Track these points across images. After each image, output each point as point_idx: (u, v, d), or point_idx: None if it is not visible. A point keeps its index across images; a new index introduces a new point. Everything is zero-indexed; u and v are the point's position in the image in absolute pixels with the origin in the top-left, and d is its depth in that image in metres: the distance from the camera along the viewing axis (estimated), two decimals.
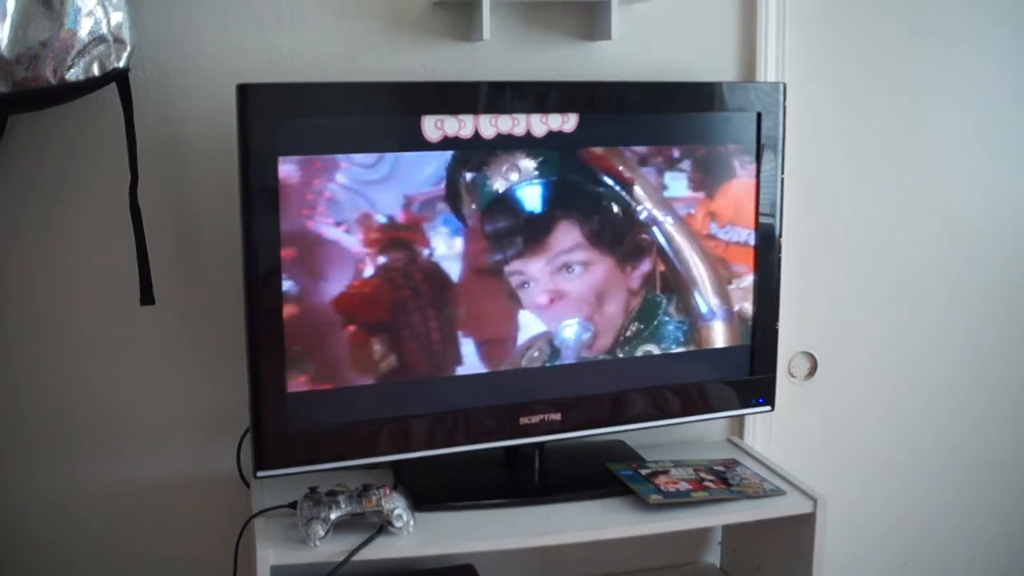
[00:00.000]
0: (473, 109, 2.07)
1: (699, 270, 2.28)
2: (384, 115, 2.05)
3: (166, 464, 2.27)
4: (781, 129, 2.30)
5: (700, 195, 2.25)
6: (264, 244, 1.94)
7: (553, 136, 2.12)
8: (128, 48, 1.93)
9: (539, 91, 2.14)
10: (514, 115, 2.09)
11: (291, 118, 1.94)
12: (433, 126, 2.04)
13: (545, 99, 2.12)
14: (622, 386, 2.26)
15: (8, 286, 2.14)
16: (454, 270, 2.09)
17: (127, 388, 2.22)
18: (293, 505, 2.01)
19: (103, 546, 2.27)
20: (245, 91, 1.90)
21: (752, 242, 2.31)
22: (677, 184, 2.23)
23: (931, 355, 2.74)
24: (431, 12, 2.24)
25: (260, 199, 1.93)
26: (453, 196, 2.07)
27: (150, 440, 2.25)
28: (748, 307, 2.33)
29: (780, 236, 2.33)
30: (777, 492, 2.21)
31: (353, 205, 2.00)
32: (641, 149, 2.19)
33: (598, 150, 2.16)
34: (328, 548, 1.92)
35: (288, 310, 1.98)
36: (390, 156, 2.01)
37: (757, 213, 2.30)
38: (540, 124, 2.11)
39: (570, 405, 2.21)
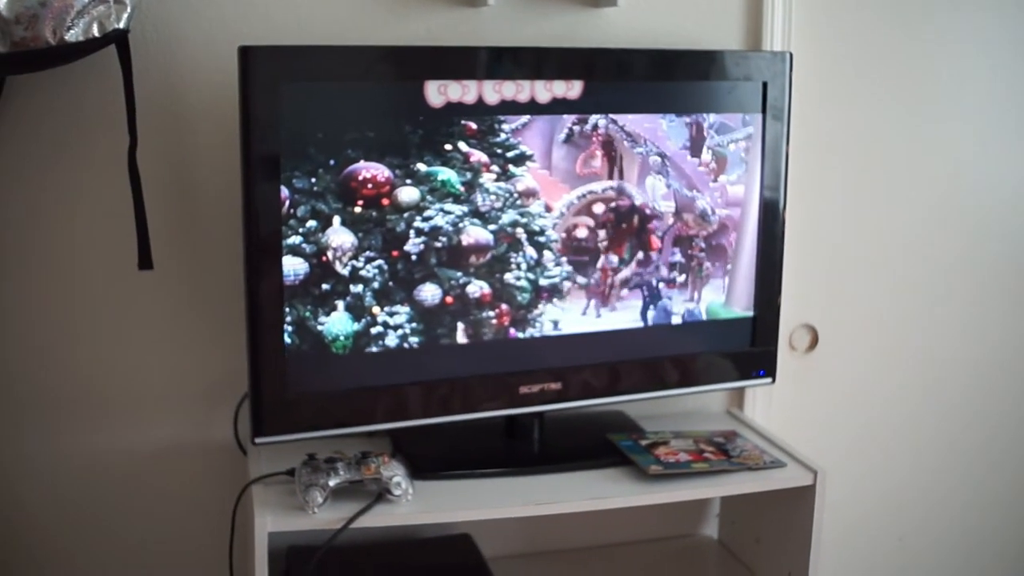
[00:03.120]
0: (477, 74, 2.05)
1: (701, 240, 2.27)
2: (387, 79, 2.03)
3: (163, 431, 2.26)
4: (787, 99, 2.28)
5: (703, 166, 2.24)
6: (265, 208, 1.93)
7: (557, 103, 2.10)
8: (128, 9, 1.91)
9: (544, 57, 2.12)
10: (518, 81, 2.07)
11: (293, 81, 1.92)
12: (436, 91, 2.02)
13: (549, 66, 2.10)
14: (622, 356, 2.25)
15: (4, 250, 2.12)
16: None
17: (124, 353, 2.21)
18: (291, 472, 2.00)
19: (99, 514, 2.26)
20: (247, 53, 1.88)
21: (755, 213, 2.30)
22: (680, 152, 2.22)
23: (933, 328, 2.74)
24: None
25: (261, 162, 1.91)
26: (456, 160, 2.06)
27: (147, 406, 2.24)
28: (751, 279, 2.32)
29: (784, 208, 2.32)
30: (777, 464, 2.21)
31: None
32: (646, 119, 2.17)
33: (604, 121, 2.14)
34: (326, 515, 1.92)
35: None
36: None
37: (761, 184, 2.29)
38: (544, 91, 2.09)
39: (570, 375, 2.20)
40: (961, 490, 2.86)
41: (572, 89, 2.11)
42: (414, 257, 2.05)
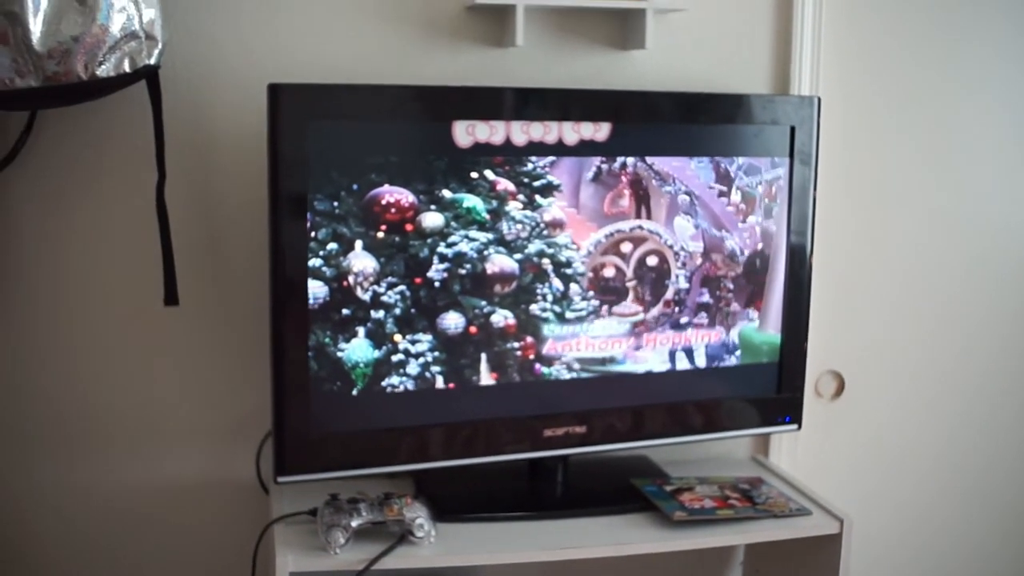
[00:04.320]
0: (505, 115, 2.05)
1: (727, 285, 2.26)
2: (415, 119, 2.04)
3: (185, 467, 2.25)
4: (815, 143, 2.28)
5: (732, 206, 2.23)
6: (292, 242, 1.93)
7: (585, 144, 2.10)
8: (159, 45, 1.92)
9: (572, 99, 2.13)
10: (546, 122, 2.07)
11: (321, 119, 1.92)
12: (464, 131, 2.02)
13: (577, 107, 2.11)
14: (648, 400, 2.24)
15: (33, 283, 2.13)
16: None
17: (148, 389, 2.21)
18: (313, 512, 1.99)
19: (117, 550, 2.25)
20: (276, 91, 1.89)
21: (782, 258, 2.28)
22: (709, 192, 2.21)
23: (961, 376, 2.71)
24: (464, 17, 2.22)
25: (288, 200, 1.92)
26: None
27: (170, 442, 2.24)
28: (777, 324, 2.31)
29: (811, 253, 2.31)
30: (803, 512, 2.18)
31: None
32: (674, 159, 2.17)
33: (632, 160, 2.14)
34: (348, 556, 1.90)
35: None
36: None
37: (788, 229, 2.28)
38: (572, 132, 2.09)
39: (594, 418, 2.19)
40: (991, 539, 2.82)
41: (600, 131, 2.11)
42: (437, 284, 2.04)
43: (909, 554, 2.76)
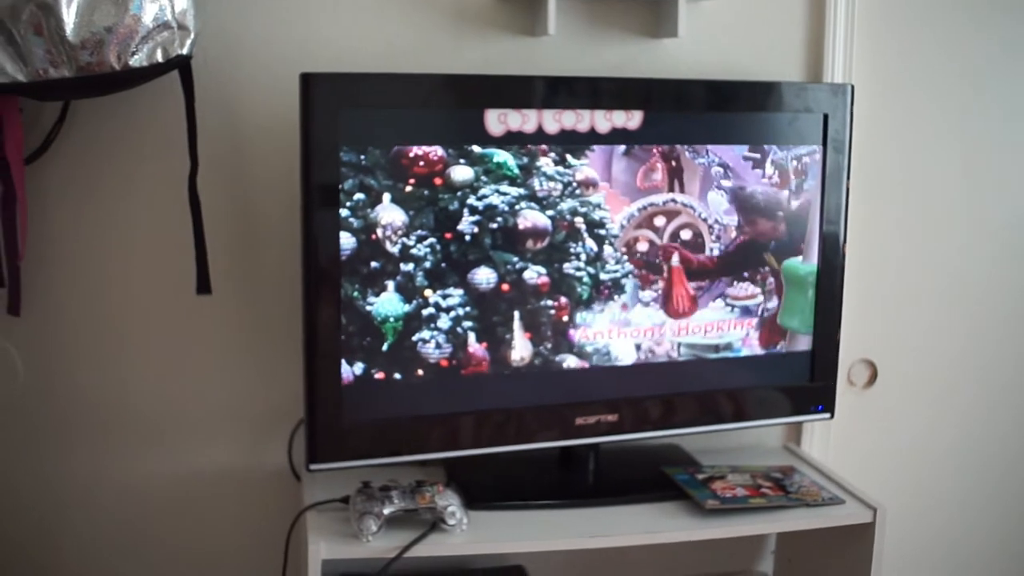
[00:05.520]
0: (537, 104, 2.05)
1: (761, 273, 2.25)
2: (447, 108, 2.03)
3: (217, 456, 2.26)
4: (848, 131, 2.27)
5: (764, 198, 2.22)
6: (324, 235, 1.93)
7: (617, 133, 2.10)
8: (192, 35, 1.93)
9: (604, 87, 2.12)
10: (578, 111, 2.07)
11: (354, 108, 1.93)
12: (496, 120, 2.02)
13: (609, 95, 2.10)
14: (680, 389, 2.23)
15: (66, 273, 2.14)
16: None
17: (181, 377, 2.22)
18: (345, 500, 2.00)
19: (150, 538, 2.27)
20: (308, 80, 1.89)
21: (815, 246, 2.28)
22: (743, 164, 2.20)
23: (994, 365, 2.69)
24: (495, 6, 2.22)
25: (321, 189, 1.92)
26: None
27: (202, 431, 2.25)
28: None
29: (844, 242, 2.29)
30: (836, 501, 2.17)
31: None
32: (709, 153, 2.17)
33: (666, 152, 2.13)
34: (380, 543, 1.91)
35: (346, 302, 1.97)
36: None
37: (822, 218, 2.27)
38: (604, 120, 2.09)
39: (626, 407, 2.18)
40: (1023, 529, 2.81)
41: (632, 119, 2.10)
42: (468, 238, 2.04)
43: (942, 543, 2.75)
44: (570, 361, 2.14)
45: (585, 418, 2.15)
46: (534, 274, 2.08)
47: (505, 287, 2.07)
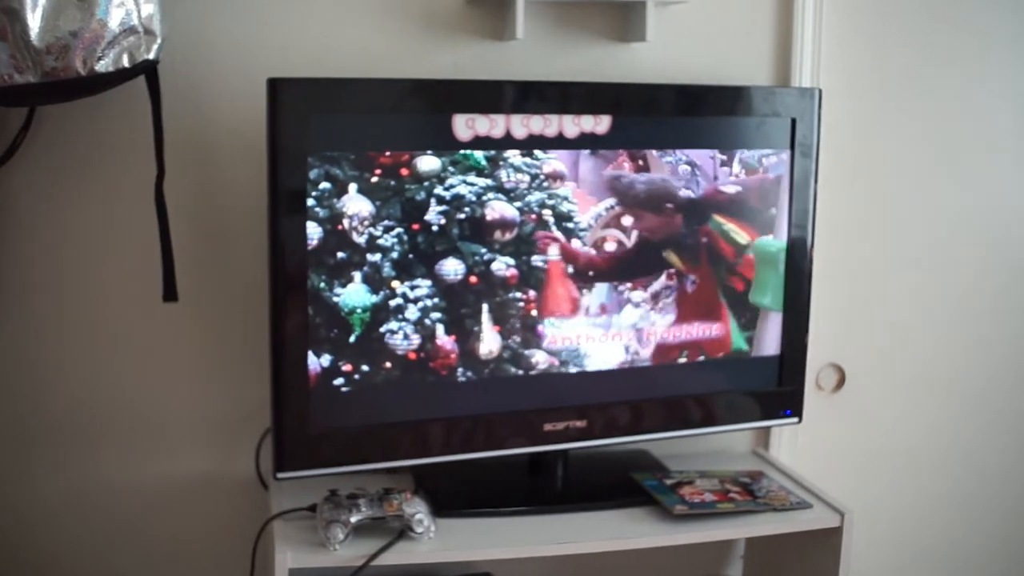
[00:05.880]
0: (505, 109, 2.05)
1: (729, 278, 2.26)
2: (415, 113, 2.03)
3: (183, 464, 2.25)
4: (815, 135, 2.27)
5: (732, 201, 2.23)
6: (290, 226, 1.92)
7: (585, 138, 2.10)
8: (158, 40, 1.91)
9: (572, 92, 2.12)
10: (546, 116, 2.07)
11: (322, 113, 1.92)
12: (464, 125, 2.02)
13: (578, 100, 2.11)
14: (648, 395, 2.24)
15: (32, 279, 2.13)
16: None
17: (147, 385, 2.21)
18: (312, 508, 1.99)
19: (119, 545, 2.25)
20: (276, 85, 1.89)
21: (783, 251, 2.28)
22: (709, 189, 2.21)
23: (962, 368, 2.71)
24: (464, 10, 2.22)
25: (288, 195, 1.91)
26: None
27: (168, 439, 2.24)
28: (778, 317, 2.31)
29: (812, 246, 2.30)
30: (804, 505, 2.18)
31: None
32: (676, 152, 2.17)
33: (633, 152, 2.14)
34: (347, 552, 1.90)
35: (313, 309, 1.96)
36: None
37: (789, 222, 2.28)
38: (572, 125, 2.09)
39: (595, 413, 2.19)
40: (995, 533, 2.82)
41: (600, 124, 2.10)
42: (435, 228, 2.03)
43: (910, 548, 2.76)
44: (539, 356, 2.14)
45: (554, 424, 2.15)
46: (502, 266, 2.08)
47: (473, 279, 2.07)
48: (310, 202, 1.93)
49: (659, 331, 2.21)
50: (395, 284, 2.01)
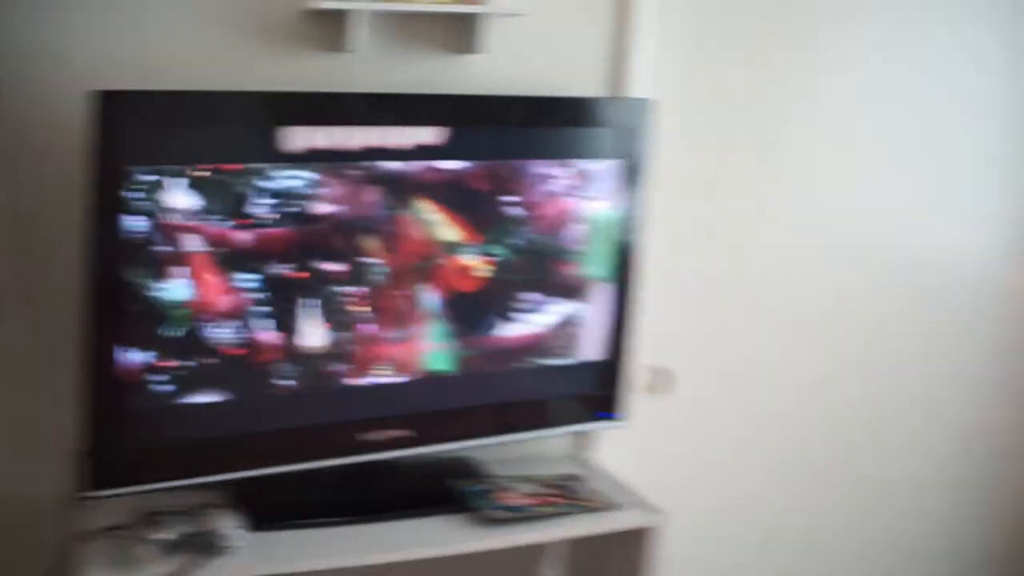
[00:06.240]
0: (339, 121, 2.04)
1: (554, 282, 2.30)
2: (245, 125, 2.01)
3: None
4: (648, 144, 2.32)
5: (564, 208, 2.26)
6: (108, 256, 1.89)
7: (421, 149, 2.10)
8: None
9: (407, 104, 2.13)
10: (382, 127, 2.07)
11: (146, 127, 1.89)
12: (298, 137, 2.00)
13: (413, 112, 2.11)
14: (471, 401, 2.27)
15: None
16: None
17: None
18: (121, 527, 1.96)
19: None
20: (98, 97, 1.83)
21: (612, 255, 2.33)
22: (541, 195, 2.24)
23: (788, 371, 2.79)
24: (300, 21, 2.16)
25: (108, 208, 1.87)
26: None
27: None
28: (603, 321, 2.35)
29: (638, 252, 2.35)
30: (619, 506, 2.25)
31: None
32: (507, 162, 2.20)
33: (465, 164, 2.15)
34: (158, 570, 1.88)
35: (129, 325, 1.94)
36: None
37: (621, 228, 2.32)
38: (408, 137, 2.09)
39: (416, 421, 2.21)
40: (823, 530, 2.93)
41: (435, 135, 2.11)
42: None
43: (736, 548, 2.84)
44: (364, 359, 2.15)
45: (371, 434, 2.17)
46: (330, 261, 2.08)
47: (301, 274, 2.06)
48: (131, 195, 1.88)
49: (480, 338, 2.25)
50: (220, 278, 1.98)
